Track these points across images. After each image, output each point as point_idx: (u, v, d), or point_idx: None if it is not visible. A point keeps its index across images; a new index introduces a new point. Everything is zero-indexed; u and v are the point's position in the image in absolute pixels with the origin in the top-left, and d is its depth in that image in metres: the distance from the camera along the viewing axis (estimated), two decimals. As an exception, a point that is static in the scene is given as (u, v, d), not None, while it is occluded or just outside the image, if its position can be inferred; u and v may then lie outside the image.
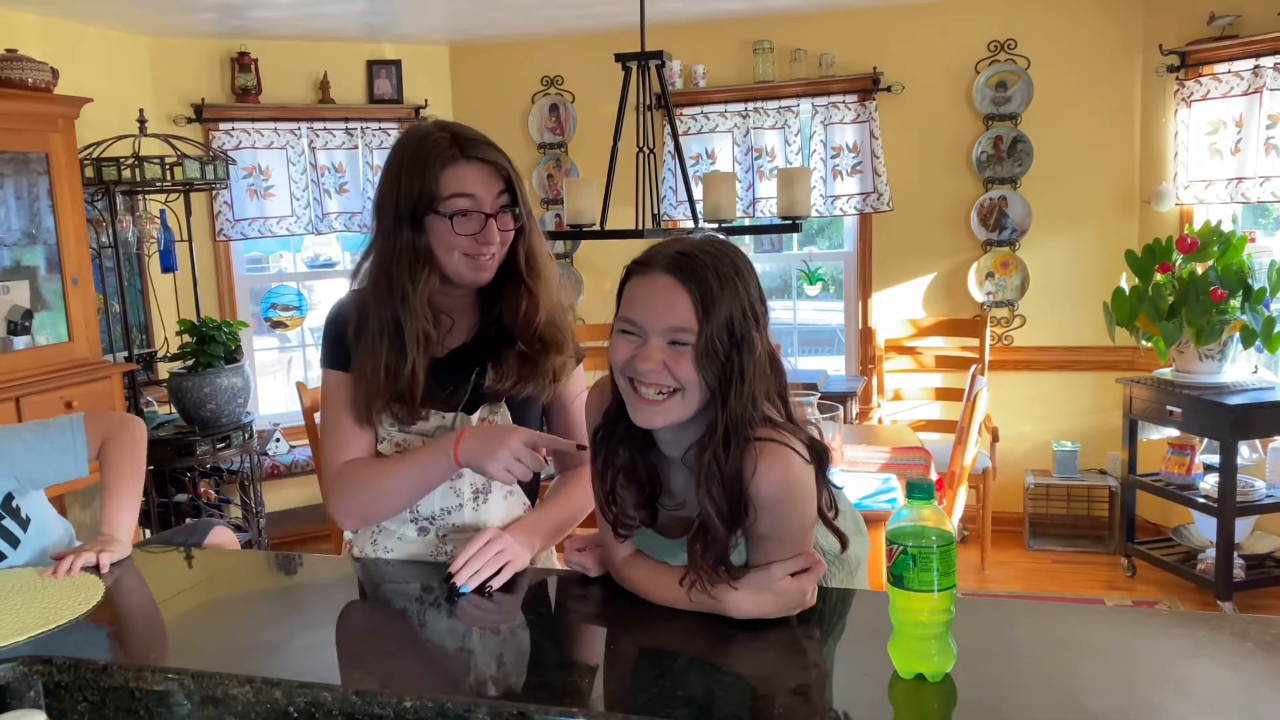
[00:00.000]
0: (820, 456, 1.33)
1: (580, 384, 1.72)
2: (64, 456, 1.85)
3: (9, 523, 1.80)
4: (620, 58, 3.27)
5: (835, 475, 1.39)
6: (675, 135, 3.42)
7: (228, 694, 1.21)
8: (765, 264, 5.36)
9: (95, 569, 1.62)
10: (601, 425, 1.39)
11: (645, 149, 3.30)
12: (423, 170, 1.53)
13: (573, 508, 1.68)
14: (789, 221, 3.18)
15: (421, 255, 1.55)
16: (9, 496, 1.81)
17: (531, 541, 1.56)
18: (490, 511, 1.66)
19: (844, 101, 4.75)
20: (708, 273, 1.26)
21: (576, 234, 3.26)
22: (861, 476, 3.06)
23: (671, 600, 1.36)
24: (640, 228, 3.26)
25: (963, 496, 3.69)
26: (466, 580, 1.45)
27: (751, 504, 1.28)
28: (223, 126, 4.82)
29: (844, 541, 1.39)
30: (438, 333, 1.61)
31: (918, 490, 1.11)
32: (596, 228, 3.26)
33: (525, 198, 1.60)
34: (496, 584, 1.47)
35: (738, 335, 1.26)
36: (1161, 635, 1.27)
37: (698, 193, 3.91)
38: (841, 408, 3.25)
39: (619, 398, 1.35)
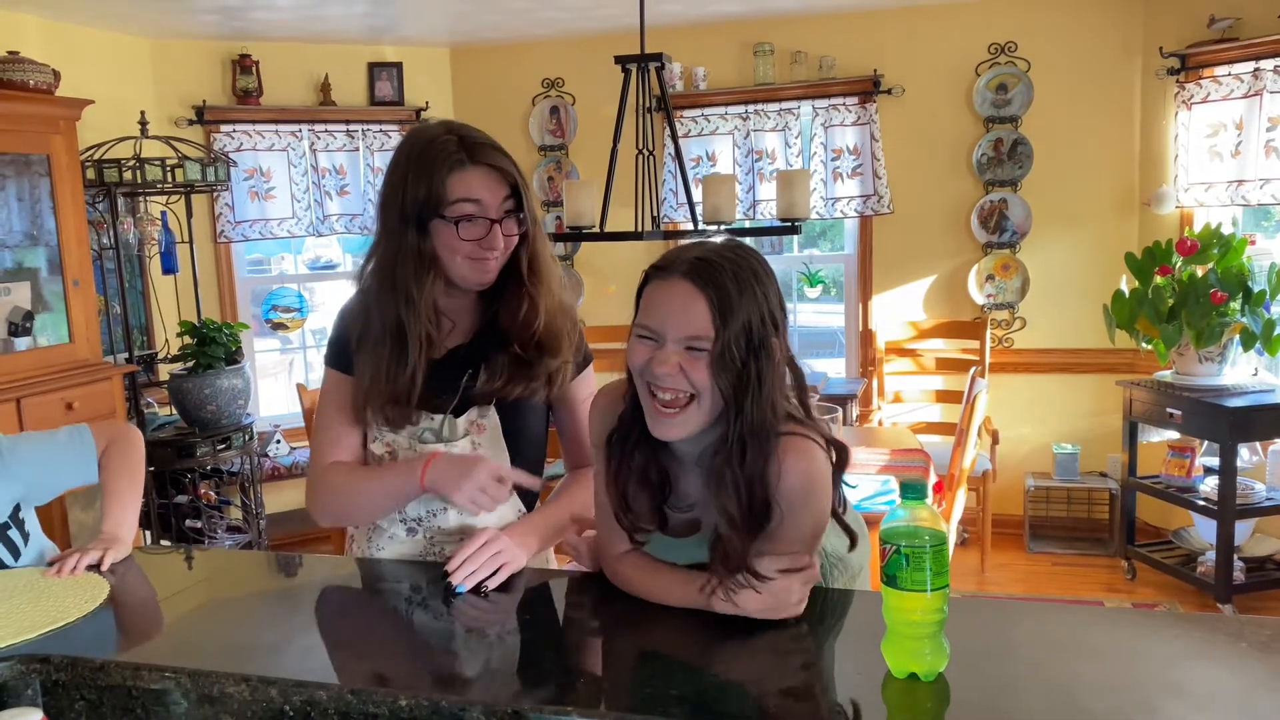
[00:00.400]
0: (840, 454, 1.33)
1: (590, 386, 1.72)
2: (76, 461, 1.88)
3: (14, 534, 1.80)
4: (620, 60, 3.28)
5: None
6: (675, 137, 3.43)
7: (224, 692, 1.21)
8: (766, 266, 5.35)
9: (97, 567, 1.62)
10: (617, 429, 1.39)
11: (645, 151, 3.30)
12: (430, 174, 1.53)
13: (574, 511, 1.68)
14: (788, 223, 3.19)
15: (426, 258, 1.55)
16: (16, 507, 1.83)
17: (528, 542, 1.56)
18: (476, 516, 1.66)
19: (844, 104, 4.76)
20: (726, 279, 1.25)
21: (576, 236, 3.26)
22: (861, 478, 3.06)
23: (661, 597, 1.36)
24: (640, 230, 3.26)
25: (962, 498, 3.69)
26: (463, 580, 1.46)
27: (776, 503, 1.28)
28: (224, 128, 4.83)
29: (854, 538, 1.39)
30: (438, 334, 1.61)
31: (911, 490, 1.12)
32: (596, 230, 3.27)
33: (531, 203, 1.60)
34: (493, 584, 1.47)
35: (755, 341, 1.25)
36: (1157, 636, 1.27)
37: (697, 195, 3.91)
38: (840, 409, 3.25)
39: (635, 401, 1.34)
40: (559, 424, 1.77)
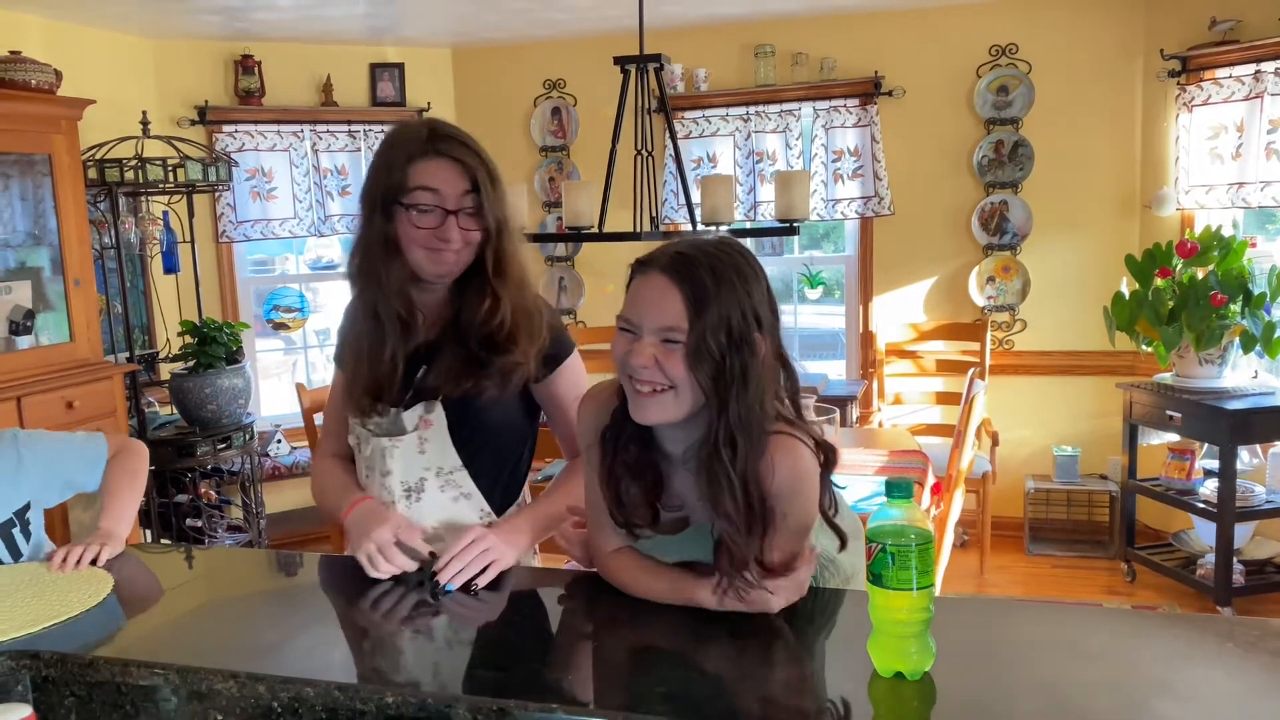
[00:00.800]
0: (828, 455, 1.33)
1: (578, 382, 1.71)
2: (86, 465, 1.91)
3: (18, 534, 1.81)
4: (619, 60, 3.28)
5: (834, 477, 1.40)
6: (674, 138, 3.43)
7: (212, 689, 1.21)
8: (766, 267, 5.32)
9: (93, 562, 1.63)
10: (610, 425, 1.39)
11: (644, 152, 3.30)
12: (394, 160, 1.56)
13: (570, 502, 1.67)
14: (787, 224, 3.19)
15: (392, 244, 1.58)
16: (26, 506, 1.83)
17: (518, 540, 1.56)
18: (424, 510, 1.66)
19: (845, 105, 4.76)
20: (702, 272, 1.26)
21: (574, 236, 3.27)
22: (859, 479, 3.06)
23: (654, 595, 1.36)
24: (639, 230, 3.26)
25: (960, 500, 3.68)
26: (451, 578, 1.46)
27: (769, 499, 1.28)
28: (226, 129, 4.84)
29: (843, 539, 1.39)
30: (414, 322, 1.63)
31: (896, 489, 1.12)
32: (595, 230, 3.27)
33: (498, 200, 1.58)
34: (481, 582, 1.47)
35: (736, 336, 1.25)
36: (1147, 637, 1.28)
37: (696, 195, 3.92)
38: (838, 410, 3.25)
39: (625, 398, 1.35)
40: (551, 422, 1.77)
